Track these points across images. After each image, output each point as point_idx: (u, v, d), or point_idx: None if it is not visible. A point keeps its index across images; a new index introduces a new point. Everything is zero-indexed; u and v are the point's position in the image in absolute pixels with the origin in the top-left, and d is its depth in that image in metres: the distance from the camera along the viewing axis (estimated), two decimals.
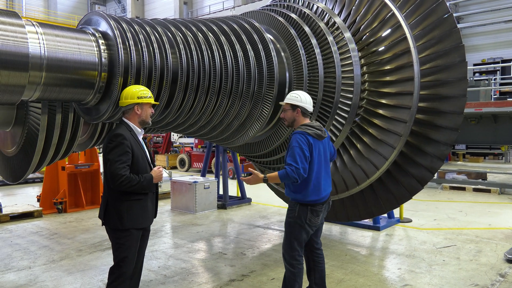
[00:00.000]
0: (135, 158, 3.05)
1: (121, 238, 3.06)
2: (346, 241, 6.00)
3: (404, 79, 4.66)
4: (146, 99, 3.15)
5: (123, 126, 3.12)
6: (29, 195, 10.17)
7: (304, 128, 3.43)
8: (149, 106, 3.21)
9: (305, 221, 3.40)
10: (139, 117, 3.17)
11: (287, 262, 3.44)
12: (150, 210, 3.20)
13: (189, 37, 4.06)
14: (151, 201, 3.20)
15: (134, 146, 3.05)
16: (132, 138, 3.07)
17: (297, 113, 3.50)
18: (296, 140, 3.34)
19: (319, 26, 4.76)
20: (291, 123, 3.55)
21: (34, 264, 5.04)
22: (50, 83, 3.24)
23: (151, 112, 3.23)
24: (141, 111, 3.16)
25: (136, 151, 3.07)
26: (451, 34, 4.63)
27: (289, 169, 3.24)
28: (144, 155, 3.15)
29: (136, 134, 3.16)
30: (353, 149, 5.04)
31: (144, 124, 3.22)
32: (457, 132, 4.65)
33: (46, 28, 3.26)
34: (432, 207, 8.38)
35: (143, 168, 3.11)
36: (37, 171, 4.81)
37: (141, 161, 3.09)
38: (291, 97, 3.53)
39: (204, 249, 5.71)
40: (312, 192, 3.40)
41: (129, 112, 3.17)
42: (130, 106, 3.14)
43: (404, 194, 5.04)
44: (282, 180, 3.28)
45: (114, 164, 2.94)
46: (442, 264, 4.91)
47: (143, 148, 3.17)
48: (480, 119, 9.88)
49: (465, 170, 11.69)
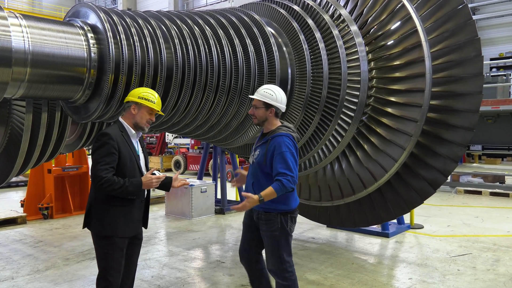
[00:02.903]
0: (122, 160, 3.00)
1: (105, 246, 3.04)
2: (353, 248, 6.01)
3: (415, 75, 4.67)
4: (145, 102, 3.10)
5: (115, 125, 3.11)
6: (12, 200, 10.17)
7: (287, 130, 3.30)
8: (149, 111, 3.14)
9: (289, 231, 3.32)
10: (133, 118, 3.13)
11: (279, 277, 3.32)
12: (136, 218, 3.15)
13: (185, 31, 4.08)
14: (138, 209, 3.15)
15: (122, 147, 3.01)
16: (121, 139, 3.03)
17: (271, 113, 3.31)
18: (285, 145, 3.18)
19: (324, 18, 4.77)
20: (261, 122, 3.36)
21: (17, 274, 5.05)
22: (35, 80, 3.25)
23: (149, 119, 3.16)
24: (137, 112, 3.11)
25: (124, 152, 3.02)
26: (465, 26, 4.64)
27: (285, 180, 3.09)
28: (134, 158, 3.10)
29: (129, 135, 3.13)
30: (359, 150, 5.05)
31: (138, 128, 3.16)
32: (472, 132, 4.65)
33: (31, 20, 3.27)
34: (445, 213, 8.39)
35: (131, 171, 3.06)
36: (21, 174, 4.82)
37: (128, 164, 3.04)
38: (265, 93, 3.31)
39: (201, 257, 5.72)
40: (293, 199, 3.33)
41: (127, 110, 3.15)
42: (129, 104, 3.13)
43: (415, 198, 5.05)
44: (279, 194, 3.11)
45: (97, 165, 2.92)
46: (457, 274, 4.92)
47: (134, 150, 3.12)
48: (497, 117, 9.89)
49: (481, 173, 11.69)
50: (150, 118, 3.17)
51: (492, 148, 17.45)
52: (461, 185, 10.94)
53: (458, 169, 11.33)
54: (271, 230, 3.30)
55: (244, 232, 3.58)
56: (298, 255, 5.65)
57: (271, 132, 3.33)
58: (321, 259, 5.51)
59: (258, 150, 3.35)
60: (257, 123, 3.40)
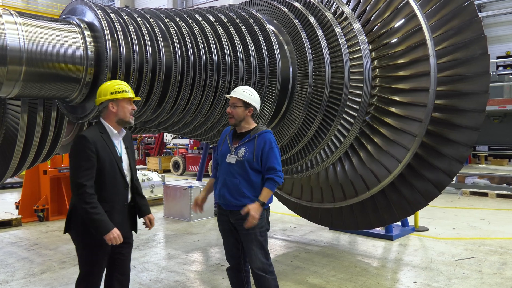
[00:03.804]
0: (101, 164, 2.93)
1: (84, 251, 3.00)
2: (356, 251, 6.01)
3: (419, 74, 4.67)
4: (120, 95, 3.02)
5: (95, 127, 3.04)
6: (7, 201, 10.19)
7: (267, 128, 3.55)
8: (128, 102, 3.07)
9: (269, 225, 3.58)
10: (116, 116, 3.05)
11: (267, 272, 3.42)
12: (118, 222, 3.03)
13: (184, 29, 4.08)
14: (119, 213, 3.07)
15: (100, 151, 2.93)
16: (100, 141, 2.96)
17: (249, 112, 3.49)
18: (274, 141, 3.45)
19: (326, 16, 4.77)
20: (238, 122, 3.50)
21: (12, 278, 5.05)
22: (30, 79, 3.26)
23: (131, 109, 3.09)
24: (117, 108, 3.04)
25: (103, 156, 2.94)
26: (471, 24, 4.64)
27: (276, 177, 3.36)
28: (115, 161, 3.02)
29: (110, 136, 3.06)
30: (362, 151, 5.05)
31: (124, 123, 3.11)
32: (478, 132, 4.65)
33: (26, 18, 3.28)
34: (450, 215, 8.38)
35: (111, 175, 2.99)
36: (16, 175, 4.83)
37: (108, 168, 2.97)
38: (244, 93, 3.47)
39: (200, 260, 5.72)
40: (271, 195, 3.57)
41: (105, 111, 3.07)
42: (104, 104, 3.05)
43: (420, 200, 5.04)
44: (273, 191, 3.41)
45: (76, 170, 2.88)
46: (463, 278, 4.92)
47: (114, 153, 3.04)
48: (504, 117, 9.88)
49: (487, 174, 11.67)
50: (132, 108, 3.12)
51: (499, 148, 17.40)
52: (467, 186, 10.93)
53: (463, 170, 11.31)
54: (260, 226, 3.44)
55: (225, 238, 3.67)
56: (300, 258, 5.65)
57: (253, 130, 3.50)
58: (323, 262, 5.51)
59: (243, 148, 3.46)
60: (233, 123, 3.54)
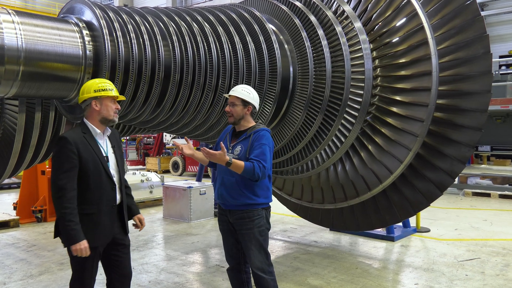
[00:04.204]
0: (83, 165, 2.91)
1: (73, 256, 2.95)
2: (357, 252, 6.01)
3: (421, 73, 4.67)
4: (104, 93, 2.99)
5: (77, 128, 3.02)
6: (4, 202, 10.19)
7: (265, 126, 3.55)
8: (111, 101, 3.05)
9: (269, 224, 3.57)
10: (99, 114, 3.03)
11: (266, 273, 3.41)
12: (107, 225, 3.03)
13: (183, 28, 4.09)
14: (107, 215, 3.04)
15: (82, 152, 2.91)
16: (82, 142, 2.93)
17: (248, 110, 3.50)
18: (267, 138, 3.43)
19: (327, 15, 4.78)
20: (237, 120, 3.52)
21: (10, 279, 5.06)
22: (28, 78, 3.26)
23: (115, 108, 3.07)
24: (100, 107, 3.01)
25: (86, 157, 2.91)
26: (473, 22, 4.63)
27: (257, 165, 3.26)
28: (99, 161, 2.98)
29: (94, 136, 3.03)
30: (363, 151, 5.05)
31: (107, 122, 3.08)
32: (481, 132, 4.65)
33: (24, 17, 3.28)
34: (452, 216, 8.39)
35: (95, 176, 2.95)
36: (14, 176, 4.83)
37: (91, 169, 2.93)
38: (243, 92, 3.48)
39: (200, 261, 5.73)
40: (270, 193, 3.57)
41: (88, 109, 3.05)
42: (87, 102, 3.02)
43: (421, 201, 5.04)
44: (243, 173, 3.26)
45: (56, 172, 2.85)
46: (465, 279, 4.92)
47: (98, 153, 3.01)
48: (506, 117, 9.89)
49: (490, 174, 11.67)
50: (116, 107, 3.09)
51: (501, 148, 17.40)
52: (469, 187, 10.94)
53: (466, 170, 11.31)
54: (258, 226, 3.44)
55: (225, 238, 3.67)
56: (300, 260, 5.65)
57: (250, 129, 3.51)
58: (324, 263, 5.51)
59: (240, 146, 3.48)
60: (232, 121, 3.55)
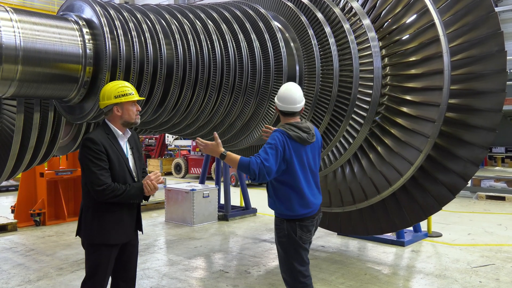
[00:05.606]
0: (110, 164, 3.03)
1: (91, 254, 3.11)
2: (366, 258, 6.00)
3: (432, 72, 4.66)
4: (124, 98, 3.08)
5: (100, 129, 3.12)
6: (2, 205, 10.24)
7: (288, 128, 3.30)
8: (132, 104, 3.14)
9: (298, 240, 3.30)
10: (121, 119, 3.13)
11: (291, 286, 3.36)
12: (127, 224, 3.15)
13: (186, 26, 4.09)
14: (128, 213, 3.16)
15: (109, 151, 3.02)
16: (107, 142, 3.04)
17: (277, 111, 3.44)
18: (273, 138, 3.24)
19: (334, 12, 4.77)
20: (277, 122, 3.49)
21: (7, 285, 5.08)
22: (26, 78, 3.27)
23: (136, 110, 3.16)
24: (122, 111, 3.11)
25: (112, 156, 3.03)
26: (487, 19, 4.62)
27: (254, 160, 3.10)
28: (123, 161, 3.10)
29: (116, 137, 3.13)
30: (372, 153, 5.04)
31: (129, 125, 3.19)
32: (495, 133, 4.64)
33: (22, 14, 3.29)
34: (465, 220, 8.34)
35: (121, 176, 3.06)
36: (12, 178, 4.86)
37: (117, 168, 3.05)
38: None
39: (203, 266, 5.73)
40: (298, 205, 3.30)
41: (109, 113, 3.14)
42: (109, 107, 3.11)
43: (433, 205, 5.03)
44: (239, 167, 3.15)
45: (91, 171, 2.95)
46: (479, 286, 4.89)
47: (122, 153, 3.13)
48: None
49: (504, 177, 11.60)
50: (137, 109, 3.18)
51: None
52: (483, 190, 10.87)
53: (479, 173, 11.23)
54: (279, 236, 3.35)
55: None
56: None
57: None
58: (332, 269, 5.50)
59: None
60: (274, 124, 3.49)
